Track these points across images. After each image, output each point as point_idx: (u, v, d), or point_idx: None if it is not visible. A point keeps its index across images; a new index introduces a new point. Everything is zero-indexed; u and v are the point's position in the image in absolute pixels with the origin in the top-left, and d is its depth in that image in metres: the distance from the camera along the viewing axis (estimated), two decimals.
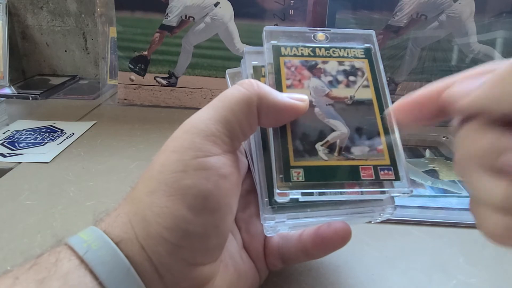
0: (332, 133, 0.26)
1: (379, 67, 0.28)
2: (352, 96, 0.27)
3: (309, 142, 0.25)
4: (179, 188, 0.21)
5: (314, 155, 0.25)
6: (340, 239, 0.26)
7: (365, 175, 0.25)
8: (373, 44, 0.29)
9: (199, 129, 0.22)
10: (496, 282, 0.30)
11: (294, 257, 0.27)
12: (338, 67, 0.28)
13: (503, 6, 0.59)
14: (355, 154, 0.25)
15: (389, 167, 0.25)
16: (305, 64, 0.27)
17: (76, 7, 0.79)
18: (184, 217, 0.20)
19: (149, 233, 0.20)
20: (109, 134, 0.55)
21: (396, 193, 0.25)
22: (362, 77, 0.28)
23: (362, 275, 0.30)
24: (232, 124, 0.23)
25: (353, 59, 0.28)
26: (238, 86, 0.24)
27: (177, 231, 0.20)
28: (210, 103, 0.23)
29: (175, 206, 0.20)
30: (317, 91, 0.27)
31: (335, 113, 0.26)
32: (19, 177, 0.44)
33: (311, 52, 0.28)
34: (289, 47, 0.28)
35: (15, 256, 0.32)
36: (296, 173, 0.24)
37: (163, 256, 0.20)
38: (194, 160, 0.21)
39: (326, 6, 0.61)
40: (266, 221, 0.25)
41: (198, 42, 0.65)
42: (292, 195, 0.24)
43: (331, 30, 0.29)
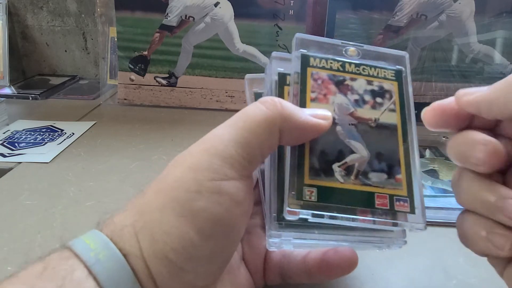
0: (351, 155, 0.25)
1: (408, 92, 0.27)
2: (376, 119, 0.26)
3: (326, 161, 0.24)
4: (191, 210, 0.20)
5: (330, 176, 0.24)
6: (347, 266, 0.25)
7: (380, 204, 0.24)
8: (405, 67, 0.28)
9: (219, 150, 0.21)
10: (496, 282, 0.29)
11: (295, 277, 0.27)
12: (366, 86, 0.27)
13: (503, 6, 0.59)
14: (372, 180, 0.24)
15: (405, 198, 0.24)
16: (333, 78, 0.26)
17: (76, 7, 0.79)
18: (192, 240, 0.20)
19: (155, 252, 0.20)
20: (109, 134, 0.55)
21: (408, 228, 0.24)
22: (390, 100, 0.26)
23: (362, 275, 0.30)
24: (252, 146, 0.22)
25: (383, 80, 0.27)
26: (260, 105, 0.23)
27: (183, 254, 0.20)
28: (231, 120, 0.23)
29: (184, 228, 0.20)
30: (342, 108, 0.26)
31: (357, 134, 0.25)
32: (19, 177, 0.44)
33: (340, 66, 0.27)
34: (319, 58, 0.27)
35: (15, 256, 0.32)
36: (309, 192, 0.23)
37: (165, 277, 0.20)
38: (210, 182, 0.20)
39: (326, 6, 0.61)
40: (271, 237, 0.24)
41: (198, 42, 0.65)
42: (302, 214, 0.23)
43: (364, 46, 0.28)
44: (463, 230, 0.22)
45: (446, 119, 0.22)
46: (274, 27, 0.64)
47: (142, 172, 0.45)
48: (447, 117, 0.22)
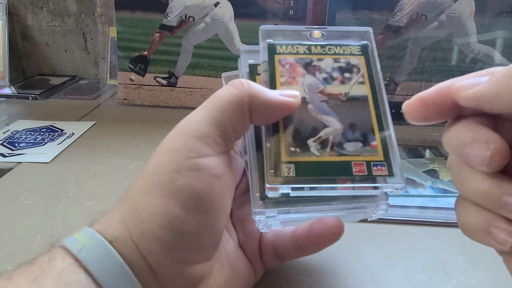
0: (325, 129, 0.25)
1: (376, 64, 0.28)
2: (346, 93, 0.27)
3: (301, 138, 0.25)
4: (173, 188, 0.21)
5: (306, 151, 0.25)
6: (333, 235, 0.26)
7: (357, 171, 0.24)
8: (370, 41, 0.29)
9: (192, 130, 0.22)
10: (496, 282, 0.30)
11: (288, 254, 0.27)
12: (333, 64, 0.28)
13: (503, 6, 0.59)
14: (348, 150, 0.25)
15: (382, 162, 0.25)
16: (300, 61, 0.27)
17: (76, 7, 0.79)
18: (178, 216, 0.21)
19: (143, 232, 0.21)
20: (109, 134, 0.55)
21: (389, 189, 0.25)
22: (358, 74, 0.27)
23: (362, 275, 0.30)
24: (224, 124, 0.23)
25: (349, 56, 0.28)
26: (228, 86, 0.24)
27: (171, 230, 0.21)
28: (202, 105, 0.24)
29: (169, 205, 0.21)
30: (311, 87, 0.27)
31: (329, 110, 0.26)
32: (19, 177, 0.44)
33: (306, 50, 0.28)
34: (285, 45, 0.28)
35: (15, 256, 0.32)
36: (287, 168, 0.24)
37: (157, 254, 0.21)
38: (187, 161, 0.21)
39: (326, 6, 0.61)
40: (256, 215, 0.25)
41: (198, 42, 0.65)
42: (283, 189, 0.24)
43: (327, 28, 0.29)
44: (462, 219, 0.21)
45: (431, 111, 0.20)
46: None
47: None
48: (432, 108, 0.20)
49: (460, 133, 0.19)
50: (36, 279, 0.19)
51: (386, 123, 0.26)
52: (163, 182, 0.21)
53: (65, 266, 0.19)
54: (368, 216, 0.27)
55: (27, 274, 0.19)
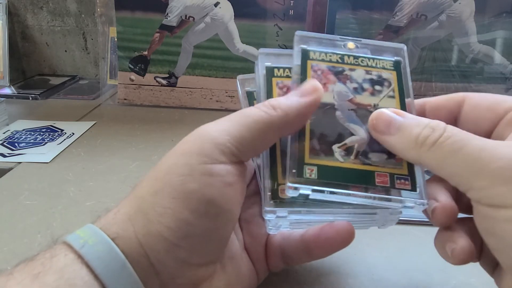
0: (351, 137, 0.25)
1: (407, 81, 0.28)
2: (376, 104, 0.27)
3: (326, 142, 0.25)
4: (184, 191, 0.21)
5: (330, 155, 0.25)
6: (343, 239, 0.26)
7: (380, 182, 0.24)
8: (404, 58, 0.29)
9: (211, 136, 0.22)
10: None
11: (296, 257, 0.27)
12: (365, 75, 0.28)
13: (503, 6, 0.59)
14: (372, 160, 0.25)
15: (406, 176, 0.25)
16: (332, 69, 0.27)
17: (76, 7, 0.79)
18: (186, 219, 0.21)
19: (149, 231, 0.21)
20: (109, 134, 0.55)
21: (411, 203, 0.24)
22: (389, 88, 0.27)
23: (362, 275, 0.30)
24: (246, 141, 0.23)
25: (381, 69, 0.28)
26: (258, 109, 0.23)
27: (178, 232, 0.21)
28: (228, 116, 0.23)
29: (178, 208, 0.21)
30: (341, 95, 0.27)
31: (357, 119, 0.26)
32: (19, 177, 0.44)
33: (339, 59, 0.28)
34: (318, 52, 0.28)
35: (15, 256, 0.32)
36: (310, 170, 0.24)
37: (161, 254, 0.21)
38: (200, 166, 0.21)
39: (326, 6, 0.61)
40: (267, 214, 0.24)
41: (198, 42, 0.65)
42: (303, 190, 0.24)
43: (362, 40, 0.29)
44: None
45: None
46: (274, 27, 0.64)
47: (142, 172, 0.45)
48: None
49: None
50: (38, 275, 0.19)
51: None
52: (174, 184, 0.21)
53: (67, 262, 0.19)
54: (379, 225, 0.27)
55: (28, 270, 0.19)
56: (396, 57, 0.29)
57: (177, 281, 0.22)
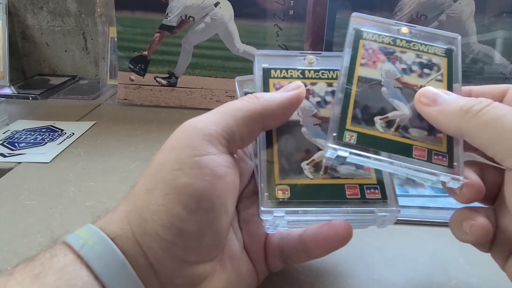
0: (393, 111, 0.26)
1: (457, 69, 0.28)
2: (422, 86, 0.27)
3: (369, 113, 0.26)
4: (175, 187, 0.21)
5: (371, 125, 0.25)
6: (341, 238, 0.26)
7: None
8: (457, 47, 0.29)
9: (197, 128, 0.23)
10: (496, 282, 0.30)
11: (295, 257, 0.27)
12: (415, 58, 0.28)
13: (503, 6, 0.59)
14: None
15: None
16: (383, 49, 0.28)
17: (76, 7, 0.79)
18: (179, 215, 0.21)
19: (145, 230, 0.21)
20: (109, 134, 0.55)
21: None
22: (437, 72, 0.28)
23: (362, 275, 0.30)
24: (231, 128, 0.23)
25: (433, 55, 0.28)
26: (241, 100, 0.25)
27: (172, 229, 0.21)
28: (214, 109, 0.24)
29: (171, 204, 0.21)
30: (389, 74, 0.27)
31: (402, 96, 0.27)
32: (19, 177, 0.44)
33: (391, 41, 0.29)
34: (371, 33, 0.29)
35: (15, 256, 0.32)
36: (350, 135, 0.25)
37: (158, 253, 0.21)
38: (190, 159, 0.22)
39: (326, 6, 0.61)
40: (263, 214, 0.25)
41: (198, 42, 0.65)
42: (341, 151, 0.24)
43: (417, 27, 0.30)
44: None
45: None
46: (274, 27, 0.64)
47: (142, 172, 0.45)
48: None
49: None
50: (38, 275, 0.19)
51: None
52: (165, 180, 0.21)
53: (67, 263, 0.20)
54: (377, 224, 0.27)
55: (28, 270, 0.19)
56: (449, 45, 0.29)
57: (176, 280, 0.22)
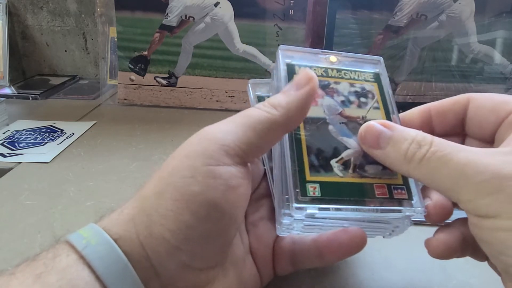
0: (346, 150, 0.26)
1: (388, 91, 0.29)
2: (364, 116, 0.28)
3: (324, 158, 0.25)
4: (186, 194, 0.21)
5: (330, 171, 0.25)
6: (356, 245, 0.26)
7: (380, 193, 0.25)
8: (382, 69, 0.30)
9: (216, 138, 0.22)
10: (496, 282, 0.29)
11: (307, 261, 0.27)
12: (349, 88, 0.29)
13: (503, 6, 0.59)
14: (369, 172, 0.26)
15: (402, 186, 0.26)
16: (319, 83, 0.27)
17: (76, 7, 0.79)
18: (187, 222, 0.21)
19: (151, 233, 0.21)
20: (109, 134, 0.55)
21: (411, 213, 0.25)
22: (373, 99, 0.29)
23: (362, 275, 0.30)
24: (251, 140, 0.22)
25: (364, 82, 0.29)
26: (259, 109, 0.23)
27: (179, 234, 0.21)
28: (232, 117, 0.23)
29: (180, 211, 0.21)
30: (331, 109, 0.27)
31: (349, 132, 0.27)
32: (19, 177, 0.44)
33: (324, 72, 0.29)
34: (303, 66, 0.28)
35: (15, 256, 0.32)
36: (312, 187, 0.24)
37: (162, 256, 0.21)
38: (204, 167, 0.21)
39: (326, 6, 0.61)
40: (284, 217, 0.24)
41: (198, 42, 0.65)
42: (309, 209, 0.23)
43: (342, 53, 0.30)
44: None
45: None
46: (274, 27, 0.64)
47: (142, 172, 0.45)
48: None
49: None
50: (40, 275, 0.19)
51: None
52: (177, 186, 0.21)
53: (70, 263, 0.19)
54: (385, 234, 0.27)
55: (30, 270, 0.19)
56: (375, 69, 0.30)
57: (177, 284, 0.22)
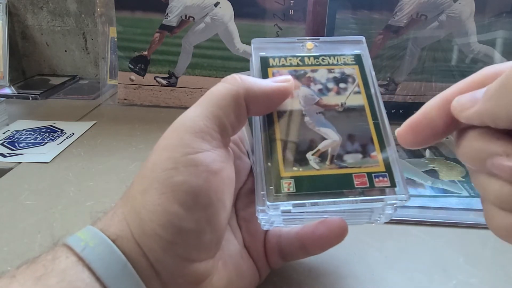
0: (323, 141, 0.25)
1: (371, 73, 0.28)
2: (343, 103, 0.26)
3: (299, 152, 0.25)
4: (170, 185, 0.21)
5: (305, 165, 0.24)
6: (336, 236, 0.26)
7: (359, 183, 0.24)
8: (363, 49, 0.29)
9: (187, 126, 0.22)
10: (496, 282, 0.30)
11: (292, 254, 0.27)
12: (328, 75, 0.28)
13: (503, 6, 0.59)
14: (348, 162, 0.25)
15: (384, 173, 0.25)
16: (294, 73, 0.27)
17: (76, 7, 0.79)
18: (177, 213, 0.21)
19: (144, 231, 0.21)
20: (109, 134, 0.55)
21: (393, 200, 0.24)
22: (353, 84, 0.27)
23: (362, 275, 0.30)
24: (219, 118, 0.23)
25: (343, 66, 0.28)
26: (222, 82, 0.24)
27: (171, 228, 0.21)
28: (197, 102, 0.24)
29: (167, 203, 0.21)
30: (307, 99, 0.26)
31: (326, 121, 0.26)
32: (19, 177, 0.44)
33: (299, 61, 0.28)
34: (277, 57, 0.28)
35: (15, 256, 0.32)
36: (287, 183, 0.24)
37: (158, 253, 0.21)
38: (184, 157, 0.21)
39: (326, 6, 0.61)
40: (260, 213, 0.24)
41: (198, 42, 0.65)
42: (284, 206, 0.23)
43: (320, 38, 0.29)
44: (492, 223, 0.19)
45: (424, 136, 0.20)
46: (274, 27, 0.64)
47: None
48: (424, 133, 0.20)
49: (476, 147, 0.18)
50: (40, 278, 0.19)
51: (385, 133, 0.26)
52: (160, 179, 0.21)
53: (69, 265, 0.20)
54: (374, 220, 0.27)
55: (30, 272, 0.19)
56: (356, 50, 0.29)
57: (177, 280, 0.22)
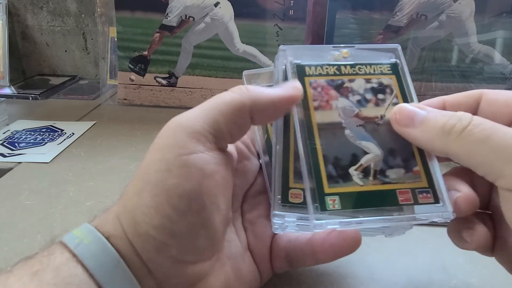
0: (365, 156, 0.24)
1: (408, 82, 0.27)
2: (382, 115, 0.26)
3: (342, 167, 0.24)
4: (164, 188, 0.21)
5: (349, 181, 0.24)
6: (349, 246, 0.25)
7: (403, 200, 0.23)
8: (399, 58, 0.28)
9: (183, 126, 0.22)
10: (496, 282, 0.30)
11: (301, 260, 0.27)
12: (365, 85, 0.26)
13: (503, 6, 0.59)
14: (391, 177, 0.24)
15: (427, 189, 0.24)
16: (332, 83, 0.26)
17: (76, 7, 0.79)
18: (169, 216, 0.21)
19: (137, 231, 0.21)
20: (109, 134, 0.55)
21: (437, 218, 0.23)
22: (391, 95, 0.26)
23: (362, 275, 0.30)
24: (218, 124, 0.22)
25: (380, 75, 0.27)
26: (229, 92, 0.24)
27: (164, 230, 0.21)
28: (201, 104, 0.23)
29: (160, 206, 0.21)
30: (346, 111, 0.25)
31: (367, 134, 0.25)
32: (19, 177, 0.44)
33: (336, 70, 0.27)
34: (314, 66, 0.26)
35: (15, 256, 0.32)
36: (332, 200, 0.23)
37: (151, 253, 0.21)
38: (177, 159, 0.21)
39: (326, 6, 0.61)
40: (275, 217, 0.24)
41: (198, 42, 0.65)
42: (330, 225, 0.22)
43: (355, 46, 0.28)
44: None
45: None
46: (274, 27, 0.64)
47: None
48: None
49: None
50: (36, 273, 0.19)
51: None
52: (154, 181, 0.21)
53: (63, 261, 0.20)
54: (392, 233, 0.26)
55: (27, 267, 0.20)
56: (392, 59, 0.28)
57: (172, 280, 0.22)
